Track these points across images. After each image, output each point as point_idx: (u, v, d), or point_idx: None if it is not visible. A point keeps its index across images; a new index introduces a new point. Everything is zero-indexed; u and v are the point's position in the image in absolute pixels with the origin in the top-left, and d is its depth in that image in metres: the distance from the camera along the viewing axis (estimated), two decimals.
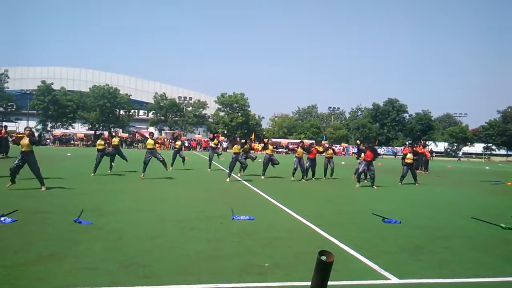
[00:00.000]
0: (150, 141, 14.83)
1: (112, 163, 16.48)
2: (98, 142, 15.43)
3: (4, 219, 6.72)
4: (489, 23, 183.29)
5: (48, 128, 65.18)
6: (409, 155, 16.35)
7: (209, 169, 19.42)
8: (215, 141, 20.05)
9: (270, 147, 16.49)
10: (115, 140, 15.89)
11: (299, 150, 16.14)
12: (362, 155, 15.71)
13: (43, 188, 10.54)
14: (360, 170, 14.96)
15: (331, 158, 17.50)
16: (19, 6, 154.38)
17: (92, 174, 14.72)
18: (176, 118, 71.21)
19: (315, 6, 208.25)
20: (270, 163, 16.51)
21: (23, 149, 10.43)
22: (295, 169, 15.93)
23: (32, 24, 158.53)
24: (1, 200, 8.78)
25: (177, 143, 19.71)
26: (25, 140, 10.40)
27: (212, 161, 20.06)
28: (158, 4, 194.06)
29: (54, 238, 5.84)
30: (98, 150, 15.35)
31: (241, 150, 15.63)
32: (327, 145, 17.93)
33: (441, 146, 78.87)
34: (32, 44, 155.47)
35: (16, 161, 10.47)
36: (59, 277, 4.29)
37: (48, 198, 9.36)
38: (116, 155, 16.30)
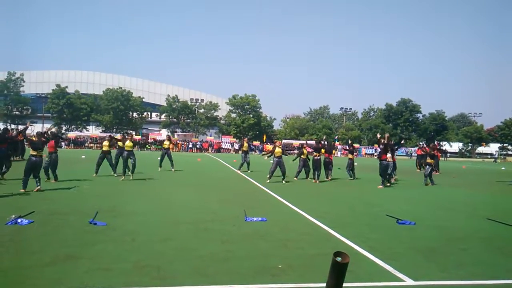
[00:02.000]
0: (129, 143, 14.74)
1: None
2: (104, 143, 15.56)
3: (21, 221, 6.85)
4: (503, 22, 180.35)
5: (63, 131, 66.14)
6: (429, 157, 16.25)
7: (160, 168, 18.69)
8: (166, 143, 19.29)
9: (278, 149, 15.46)
10: (128, 145, 14.82)
11: (305, 151, 16.90)
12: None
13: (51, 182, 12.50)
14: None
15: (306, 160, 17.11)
16: (33, 11, 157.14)
17: (94, 175, 15.05)
18: (188, 120, 71.55)
19: (327, 7, 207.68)
20: (278, 167, 15.33)
21: (50, 150, 12.72)
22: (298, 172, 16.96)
23: (46, 29, 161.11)
24: (18, 202, 8.95)
25: (165, 143, 19.37)
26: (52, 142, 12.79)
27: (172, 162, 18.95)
28: (170, 6, 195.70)
29: (70, 239, 5.93)
30: (103, 151, 15.51)
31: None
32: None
33: (456, 146, 77.78)
34: (46, 48, 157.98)
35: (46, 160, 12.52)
36: (75, 277, 4.36)
37: (63, 200, 9.50)
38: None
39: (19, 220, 6.84)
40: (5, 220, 6.84)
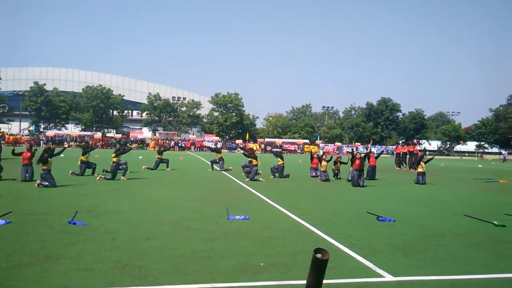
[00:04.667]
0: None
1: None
2: (113, 155, 14.49)
3: None
4: (482, 22, 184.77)
5: (41, 129, 64.70)
6: (422, 164, 16.38)
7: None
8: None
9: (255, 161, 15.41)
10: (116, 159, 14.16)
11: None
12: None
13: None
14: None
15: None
16: (11, 6, 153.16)
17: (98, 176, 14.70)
18: (170, 119, 70.92)
19: (309, 5, 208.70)
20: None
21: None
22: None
23: (24, 25, 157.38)
24: None
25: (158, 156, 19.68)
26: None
27: None
28: (151, 4, 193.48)
29: (48, 240, 5.82)
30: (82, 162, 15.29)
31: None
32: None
33: (434, 144, 79.33)
34: (24, 45, 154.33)
35: None
36: (55, 278, 4.28)
37: (41, 200, 9.31)
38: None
39: None
40: None
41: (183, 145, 57.37)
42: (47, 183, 11.32)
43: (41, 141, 54.58)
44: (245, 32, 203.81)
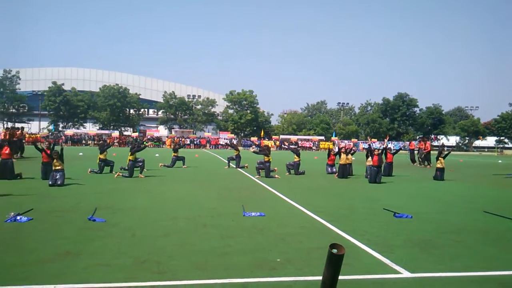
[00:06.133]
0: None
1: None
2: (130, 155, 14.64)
3: (20, 218, 6.88)
4: (502, 14, 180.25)
5: (60, 128, 65.90)
6: (441, 159, 16.15)
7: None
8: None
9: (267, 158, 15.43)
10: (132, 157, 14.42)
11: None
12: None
13: None
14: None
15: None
16: (28, 8, 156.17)
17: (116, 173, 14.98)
18: (186, 117, 71.44)
19: (325, 3, 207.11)
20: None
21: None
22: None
23: (42, 26, 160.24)
24: (17, 201, 8.97)
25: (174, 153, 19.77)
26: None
27: None
28: (167, 2, 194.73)
29: (69, 236, 5.96)
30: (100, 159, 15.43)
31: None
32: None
33: (453, 140, 78.07)
34: (42, 46, 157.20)
35: None
36: (76, 273, 4.40)
37: (62, 198, 9.52)
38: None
39: (18, 218, 6.87)
40: (4, 217, 6.87)
41: (199, 143, 57.69)
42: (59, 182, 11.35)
43: (61, 140, 55.63)
44: (259, 30, 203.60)
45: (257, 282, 4.29)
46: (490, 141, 77.35)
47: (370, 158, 15.17)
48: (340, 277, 4.20)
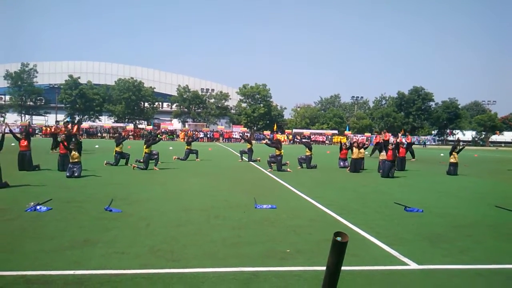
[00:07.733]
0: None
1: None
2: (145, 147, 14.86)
3: (40, 208, 7.14)
4: None
5: (76, 121, 66.98)
6: (455, 154, 16.05)
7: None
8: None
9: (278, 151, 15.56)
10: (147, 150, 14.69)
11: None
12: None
13: None
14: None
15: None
16: (46, 2, 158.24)
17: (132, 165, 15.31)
18: (199, 110, 71.86)
19: None
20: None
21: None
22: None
23: (59, 20, 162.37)
24: (36, 191, 9.26)
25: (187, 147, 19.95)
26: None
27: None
28: None
29: (87, 225, 6.18)
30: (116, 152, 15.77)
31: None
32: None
33: (469, 135, 76.90)
34: (59, 39, 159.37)
35: None
36: (94, 260, 4.60)
37: (79, 188, 9.79)
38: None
39: (38, 207, 7.13)
40: (24, 207, 7.14)
41: (212, 136, 58.02)
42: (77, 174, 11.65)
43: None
44: (273, 24, 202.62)
45: (267, 271, 4.43)
46: (508, 136, 76.08)
47: (383, 153, 15.16)
48: (348, 268, 4.35)
